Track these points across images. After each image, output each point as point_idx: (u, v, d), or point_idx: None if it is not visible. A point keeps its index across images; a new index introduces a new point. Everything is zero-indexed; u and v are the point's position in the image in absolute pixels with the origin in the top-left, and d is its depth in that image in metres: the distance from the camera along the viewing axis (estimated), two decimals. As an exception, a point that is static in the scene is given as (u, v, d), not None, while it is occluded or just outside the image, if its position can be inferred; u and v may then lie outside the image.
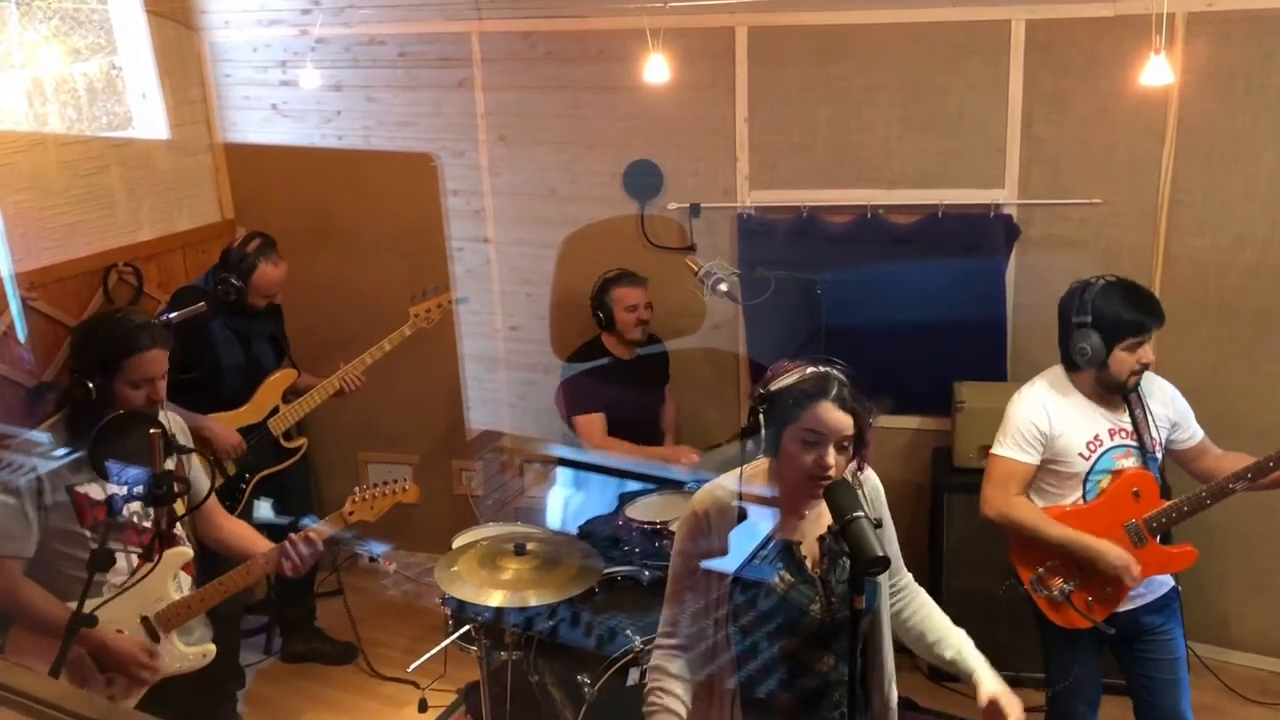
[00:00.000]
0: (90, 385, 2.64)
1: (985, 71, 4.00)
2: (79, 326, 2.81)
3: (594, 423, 4.21)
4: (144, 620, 2.73)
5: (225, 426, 3.93)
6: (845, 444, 2.14)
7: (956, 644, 2.38)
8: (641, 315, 4.23)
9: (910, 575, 2.44)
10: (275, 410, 4.10)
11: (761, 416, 2.17)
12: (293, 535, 2.81)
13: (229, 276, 4.00)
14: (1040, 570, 3.06)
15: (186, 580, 2.84)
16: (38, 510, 2.61)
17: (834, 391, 2.12)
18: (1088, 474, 2.99)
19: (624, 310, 4.19)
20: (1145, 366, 2.96)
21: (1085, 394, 3.02)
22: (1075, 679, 3.12)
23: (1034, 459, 3.02)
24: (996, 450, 3.07)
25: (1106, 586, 2.99)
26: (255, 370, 4.10)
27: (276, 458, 4.14)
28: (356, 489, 3.04)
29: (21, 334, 4.04)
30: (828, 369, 2.17)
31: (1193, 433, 3.11)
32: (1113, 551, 2.94)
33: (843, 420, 2.12)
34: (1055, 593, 3.03)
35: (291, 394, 4.16)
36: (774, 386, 2.18)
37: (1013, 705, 2.23)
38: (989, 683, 2.27)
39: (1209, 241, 3.92)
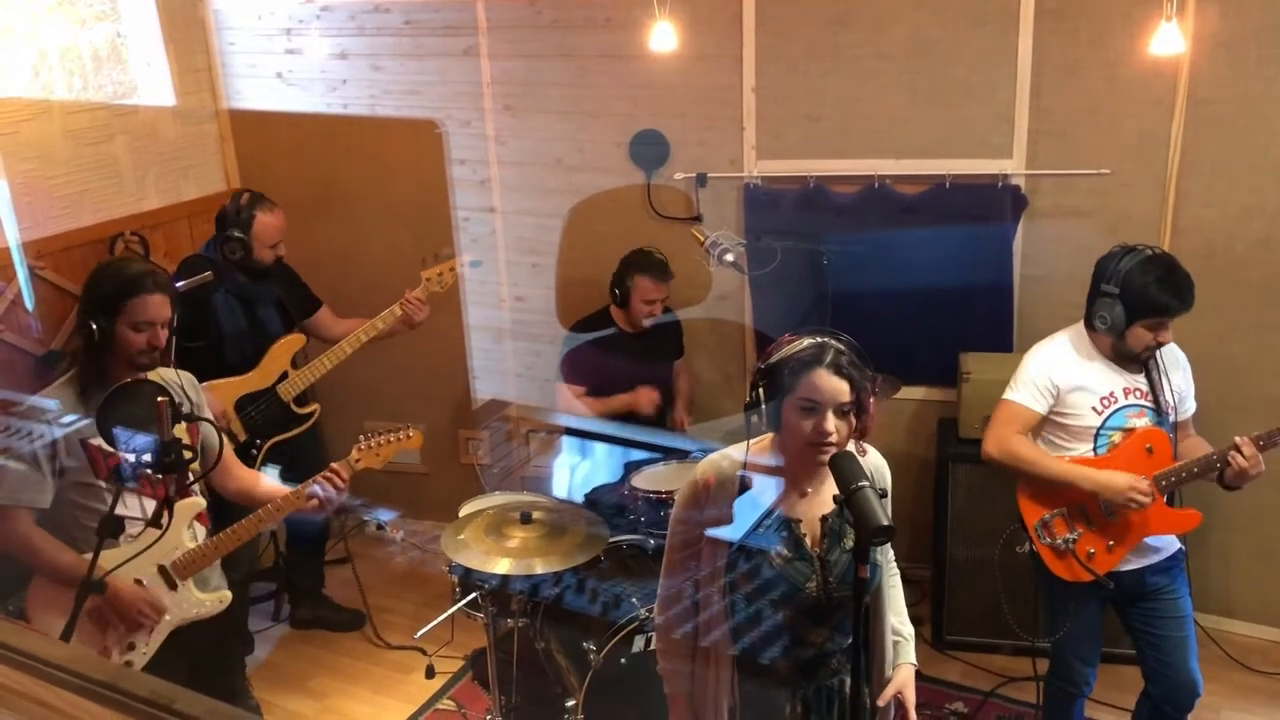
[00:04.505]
0: (95, 326, 2.72)
1: (994, 41, 3.97)
2: (89, 274, 2.87)
3: (568, 392, 4.24)
4: (161, 569, 2.80)
5: (211, 396, 3.88)
6: (845, 410, 2.13)
7: (905, 635, 2.44)
8: (656, 310, 4.20)
9: (892, 553, 2.46)
10: (284, 375, 4.09)
11: (761, 390, 2.18)
12: (324, 474, 2.91)
13: (231, 232, 3.96)
14: (1046, 517, 3.08)
15: (201, 530, 2.91)
16: (52, 463, 2.68)
17: (829, 359, 2.12)
18: (1099, 429, 3.01)
19: (642, 301, 4.17)
20: (1161, 345, 2.97)
21: (1104, 353, 3.04)
22: (1074, 636, 3.15)
23: (1041, 409, 3.05)
24: (1007, 395, 3.11)
25: (1110, 540, 3.01)
26: (261, 336, 4.07)
27: (288, 423, 4.12)
28: (362, 437, 3.10)
29: (29, 302, 4.06)
30: (825, 339, 2.18)
31: (1188, 406, 3.14)
32: (1115, 476, 2.95)
33: (838, 386, 2.11)
34: (1059, 541, 3.06)
35: (302, 358, 4.14)
36: (772, 360, 2.19)
37: (912, 714, 2.36)
38: (899, 680, 2.37)
39: (1218, 212, 3.90)
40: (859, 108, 4.19)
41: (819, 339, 2.17)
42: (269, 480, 3.11)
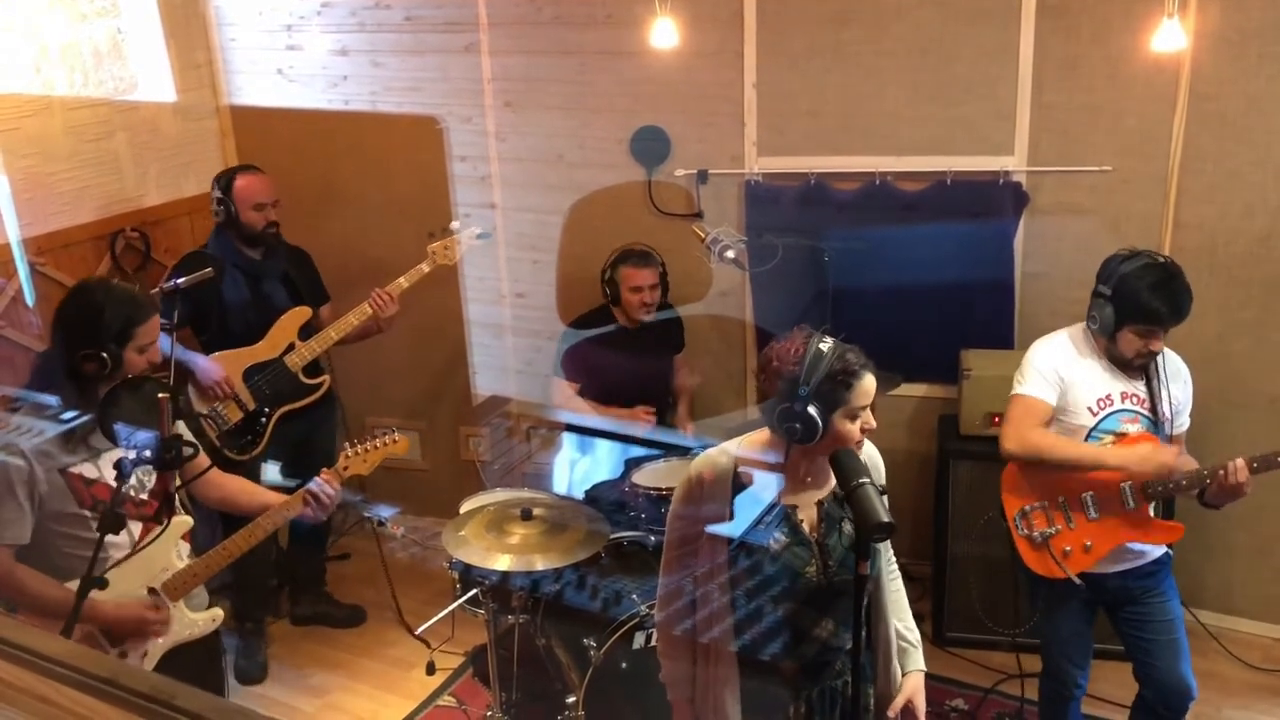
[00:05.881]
0: (106, 356, 2.66)
1: (996, 37, 3.97)
2: (71, 303, 2.78)
3: (564, 387, 4.25)
4: (151, 591, 2.75)
5: (210, 361, 3.89)
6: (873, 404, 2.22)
7: (912, 641, 2.46)
8: (646, 298, 4.16)
9: (891, 551, 2.46)
10: (291, 346, 4.07)
11: (814, 410, 2.13)
12: (313, 484, 2.89)
13: (217, 196, 4.03)
14: (1026, 508, 3.07)
15: (186, 549, 2.85)
16: (30, 497, 2.60)
17: (864, 361, 2.18)
18: (1091, 430, 3.00)
19: (629, 291, 4.15)
20: (1153, 354, 2.96)
21: (1103, 355, 3.03)
22: (1061, 638, 3.16)
23: (1053, 400, 3.03)
24: (1018, 390, 3.08)
25: (1088, 540, 3.01)
26: (266, 308, 4.08)
27: (297, 394, 4.11)
28: (348, 444, 3.10)
29: (30, 299, 4.06)
30: (838, 341, 2.20)
31: (1182, 421, 3.11)
32: (1135, 451, 2.94)
33: (874, 383, 2.19)
34: (1036, 534, 3.05)
35: (308, 332, 4.13)
36: (816, 378, 2.14)
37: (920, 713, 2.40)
38: (909, 688, 2.40)
39: (1218, 209, 3.89)
40: (860, 104, 4.19)
41: (835, 343, 2.19)
42: (249, 484, 3.06)
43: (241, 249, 4.07)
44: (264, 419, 4.03)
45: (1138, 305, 2.89)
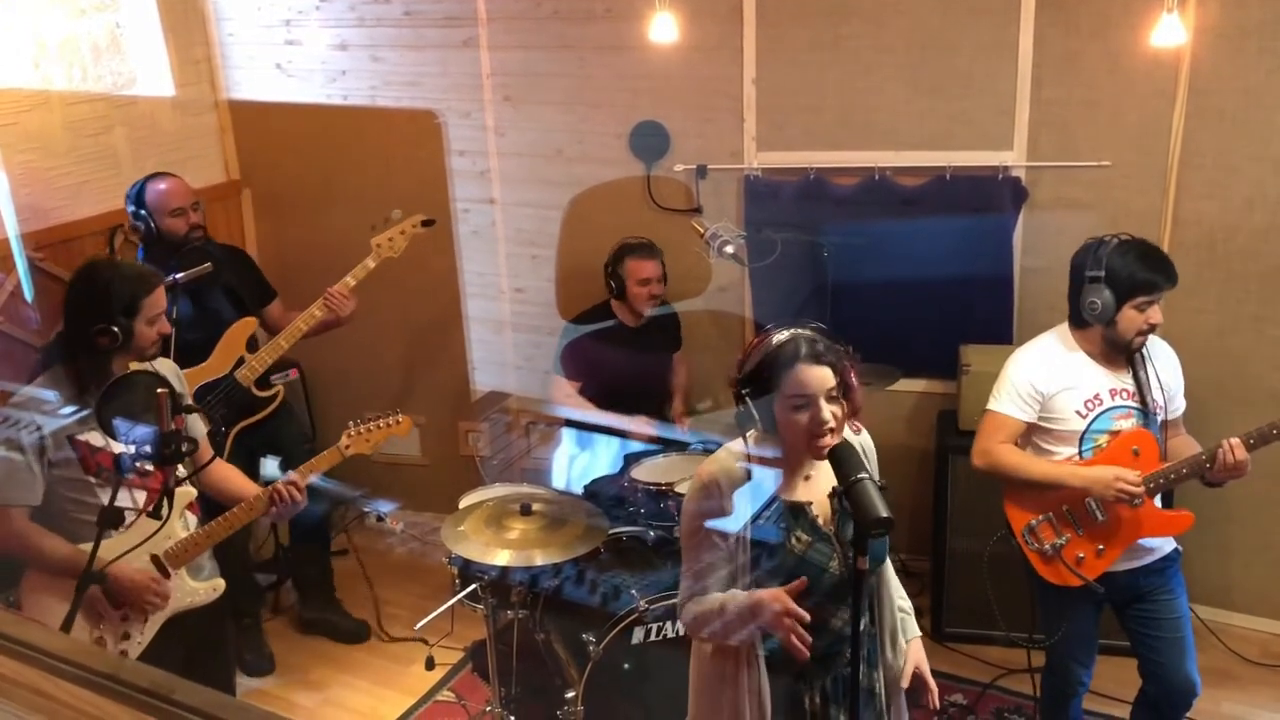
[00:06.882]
0: (117, 329, 2.73)
1: (995, 32, 3.97)
2: (80, 282, 2.83)
3: (563, 386, 4.25)
4: (154, 558, 2.81)
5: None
6: (834, 395, 2.17)
7: (906, 609, 2.47)
8: (654, 290, 4.19)
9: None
10: (241, 361, 3.99)
11: (749, 401, 2.20)
12: (280, 481, 2.92)
13: (132, 210, 3.92)
14: (1033, 522, 3.07)
15: (192, 519, 2.92)
16: (41, 461, 2.70)
17: (804, 350, 2.16)
18: (1084, 433, 2.99)
19: (636, 284, 4.16)
20: (1153, 327, 2.94)
21: (1088, 353, 3.02)
22: (1069, 637, 3.14)
23: (1028, 416, 3.03)
24: (992, 406, 3.09)
25: (1099, 544, 3.00)
26: (211, 322, 3.97)
27: (251, 408, 4.04)
28: (351, 423, 3.11)
29: (28, 294, 4.05)
30: (792, 331, 2.20)
31: (1178, 405, 3.11)
32: (1101, 469, 2.93)
33: (822, 375, 2.15)
34: (1046, 547, 3.04)
35: (259, 341, 4.07)
36: (748, 368, 2.22)
37: (930, 681, 2.41)
38: (914, 656, 2.41)
39: (1218, 204, 3.89)
40: (859, 99, 4.19)
41: (787, 333, 2.20)
42: (235, 472, 3.09)
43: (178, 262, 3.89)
44: (219, 438, 3.96)
45: (1135, 278, 2.89)
